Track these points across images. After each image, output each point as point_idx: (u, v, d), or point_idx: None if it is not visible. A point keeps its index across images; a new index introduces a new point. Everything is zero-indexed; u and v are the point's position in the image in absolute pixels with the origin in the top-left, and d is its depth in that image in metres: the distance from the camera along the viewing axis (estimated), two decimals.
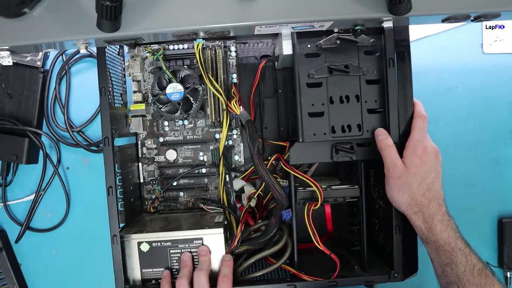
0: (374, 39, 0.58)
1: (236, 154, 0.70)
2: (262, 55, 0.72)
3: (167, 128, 0.70)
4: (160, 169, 0.70)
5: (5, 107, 0.75)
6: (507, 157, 0.77)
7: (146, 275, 0.58)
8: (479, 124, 0.77)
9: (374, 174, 0.64)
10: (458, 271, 0.50)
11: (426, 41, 0.77)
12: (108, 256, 0.56)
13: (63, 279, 0.77)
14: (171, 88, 0.64)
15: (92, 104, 0.76)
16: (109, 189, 0.56)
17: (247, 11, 0.47)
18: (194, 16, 0.48)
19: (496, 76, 0.77)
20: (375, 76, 0.58)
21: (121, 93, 0.67)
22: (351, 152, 0.59)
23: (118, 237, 0.56)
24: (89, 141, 0.77)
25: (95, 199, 0.75)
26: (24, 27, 0.47)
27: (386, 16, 0.48)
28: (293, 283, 0.58)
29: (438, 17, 0.49)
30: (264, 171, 0.57)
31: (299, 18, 0.48)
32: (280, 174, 0.68)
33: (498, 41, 0.77)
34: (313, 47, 0.58)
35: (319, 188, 0.59)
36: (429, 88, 0.77)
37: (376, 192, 0.64)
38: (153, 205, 0.69)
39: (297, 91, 0.58)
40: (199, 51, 0.62)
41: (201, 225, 0.59)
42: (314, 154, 0.60)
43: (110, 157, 0.57)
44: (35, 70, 0.75)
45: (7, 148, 0.73)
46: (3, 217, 0.77)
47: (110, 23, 0.45)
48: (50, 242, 0.77)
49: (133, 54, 0.67)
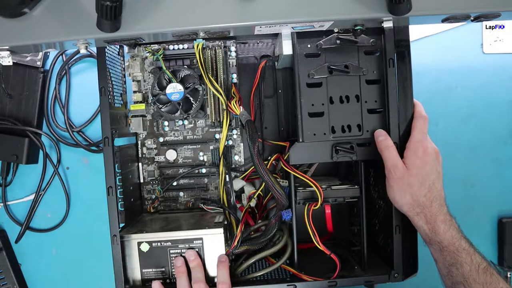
0: (374, 39, 0.58)
1: (236, 154, 0.70)
2: (262, 55, 0.72)
3: (167, 128, 0.70)
4: (160, 169, 0.70)
5: (5, 107, 0.75)
6: (507, 157, 0.77)
7: (146, 275, 0.58)
8: (479, 124, 0.77)
9: (374, 174, 0.64)
10: (464, 271, 0.50)
11: (426, 41, 0.77)
12: (108, 256, 0.56)
13: (63, 279, 0.77)
14: (171, 88, 0.64)
15: (92, 104, 0.76)
16: (109, 189, 0.56)
17: (247, 11, 0.47)
18: (194, 16, 0.48)
19: (496, 76, 0.77)
20: (375, 76, 0.58)
21: (121, 93, 0.67)
22: (351, 152, 0.59)
23: (118, 237, 0.56)
24: (89, 141, 0.77)
25: (95, 199, 0.75)
26: (24, 27, 0.47)
27: (386, 16, 0.48)
28: (293, 283, 0.58)
29: (438, 17, 0.49)
30: (264, 171, 0.57)
31: (299, 18, 0.48)
32: (280, 174, 0.68)
33: (498, 41, 0.77)
34: (313, 47, 0.58)
35: (319, 188, 0.59)
36: (429, 88, 0.77)
37: (376, 192, 0.64)
38: (153, 205, 0.69)
39: (297, 91, 0.58)
40: (199, 51, 0.63)
41: (201, 225, 0.59)
42: (314, 154, 0.60)
43: (110, 157, 0.57)
44: (35, 70, 0.75)
45: (7, 148, 0.73)
46: (3, 217, 0.77)
47: (110, 23, 0.45)
48: (50, 242, 0.77)
49: (133, 54, 0.67)
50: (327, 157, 0.60)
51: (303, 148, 0.60)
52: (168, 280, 0.58)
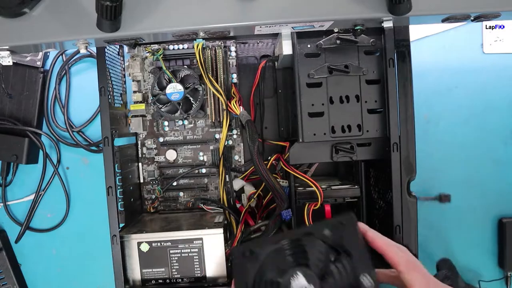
0: (374, 39, 0.58)
1: (236, 154, 0.70)
2: (262, 55, 0.72)
3: (167, 128, 0.70)
4: (160, 169, 0.70)
5: (5, 107, 0.75)
6: (507, 157, 0.77)
7: (146, 275, 0.58)
8: (480, 124, 0.77)
9: (374, 174, 0.64)
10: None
11: (426, 41, 0.77)
12: (108, 256, 0.56)
13: (63, 279, 0.77)
14: (171, 88, 0.64)
15: (92, 104, 0.76)
16: (109, 189, 0.56)
17: (247, 11, 0.47)
18: (194, 16, 0.48)
19: (496, 76, 0.77)
20: (375, 76, 0.58)
21: (121, 93, 0.67)
22: (351, 152, 0.59)
23: (118, 237, 0.56)
24: (89, 141, 0.77)
25: (95, 199, 0.75)
26: (24, 27, 0.47)
27: (386, 16, 0.48)
28: None
29: (438, 17, 0.49)
30: (264, 171, 0.57)
31: (299, 18, 0.48)
32: (280, 174, 0.68)
33: (498, 41, 0.77)
34: (313, 47, 0.58)
35: (319, 188, 0.59)
36: (429, 88, 0.77)
37: (376, 192, 0.64)
38: (153, 205, 0.69)
39: (297, 91, 0.58)
40: (199, 51, 0.63)
41: (201, 225, 0.59)
42: (314, 154, 0.60)
43: (110, 157, 0.57)
44: (35, 70, 0.75)
45: (7, 148, 0.73)
46: (3, 217, 0.77)
47: (110, 23, 0.45)
48: (50, 242, 0.77)
49: (133, 54, 0.67)
50: (327, 157, 0.60)
51: (303, 148, 0.60)
52: (168, 280, 0.58)
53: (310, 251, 0.40)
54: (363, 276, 0.38)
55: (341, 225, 0.41)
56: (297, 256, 0.40)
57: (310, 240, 0.41)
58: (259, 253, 0.42)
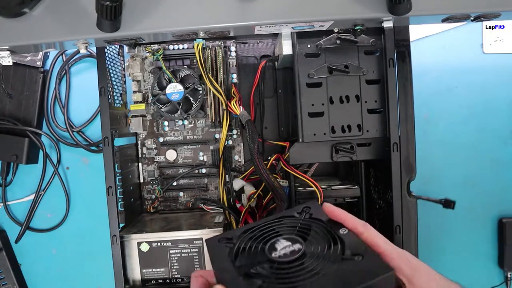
0: (374, 39, 0.58)
1: (236, 154, 0.70)
2: (262, 55, 0.72)
3: (167, 128, 0.70)
4: (160, 169, 0.70)
5: (5, 107, 0.75)
6: (507, 158, 0.77)
7: (146, 275, 0.58)
8: (479, 124, 0.77)
9: (374, 174, 0.64)
10: None
11: (426, 41, 0.77)
12: (108, 256, 0.56)
13: (63, 279, 0.77)
14: (171, 88, 0.64)
15: (92, 104, 0.76)
16: (109, 189, 0.56)
17: (247, 11, 0.47)
18: (194, 16, 0.48)
19: (496, 76, 0.77)
20: (375, 76, 0.58)
21: (121, 93, 0.67)
22: (351, 152, 0.59)
23: (118, 237, 0.56)
24: (89, 141, 0.77)
25: (95, 199, 0.75)
26: (24, 27, 0.47)
27: (386, 16, 0.48)
28: None
29: (438, 17, 0.49)
30: (264, 171, 0.57)
31: (299, 18, 0.48)
32: (280, 174, 0.68)
33: (498, 41, 0.77)
34: (313, 47, 0.58)
35: (319, 188, 0.59)
36: (429, 88, 0.77)
37: (376, 192, 0.64)
38: (153, 205, 0.69)
39: (297, 91, 0.58)
40: (199, 51, 0.63)
41: (201, 225, 0.59)
42: (314, 154, 0.60)
43: (110, 157, 0.57)
44: (35, 70, 0.75)
45: (7, 148, 0.73)
46: (3, 217, 0.77)
47: (110, 23, 0.45)
48: (50, 242, 0.77)
49: (133, 54, 0.67)
50: (327, 157, 0.60)
51: (303, 148, 0.60)
52: (168, 280, 0.58)
53: (283, 227, 0.41)
54: (339, 231, 0.39)
55: (307, 208, 0.44)
56: (272, 231, 0.41)
57: (281, 221, 0.43)
58: (234, 235, 0.42)
